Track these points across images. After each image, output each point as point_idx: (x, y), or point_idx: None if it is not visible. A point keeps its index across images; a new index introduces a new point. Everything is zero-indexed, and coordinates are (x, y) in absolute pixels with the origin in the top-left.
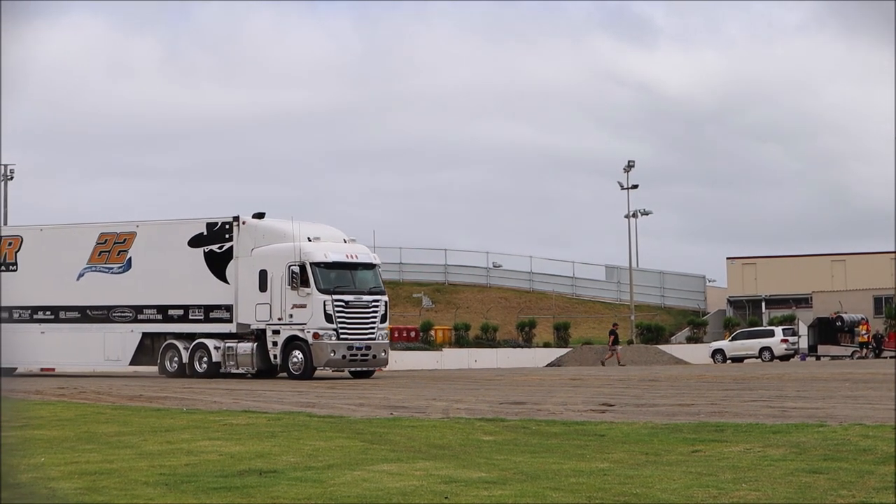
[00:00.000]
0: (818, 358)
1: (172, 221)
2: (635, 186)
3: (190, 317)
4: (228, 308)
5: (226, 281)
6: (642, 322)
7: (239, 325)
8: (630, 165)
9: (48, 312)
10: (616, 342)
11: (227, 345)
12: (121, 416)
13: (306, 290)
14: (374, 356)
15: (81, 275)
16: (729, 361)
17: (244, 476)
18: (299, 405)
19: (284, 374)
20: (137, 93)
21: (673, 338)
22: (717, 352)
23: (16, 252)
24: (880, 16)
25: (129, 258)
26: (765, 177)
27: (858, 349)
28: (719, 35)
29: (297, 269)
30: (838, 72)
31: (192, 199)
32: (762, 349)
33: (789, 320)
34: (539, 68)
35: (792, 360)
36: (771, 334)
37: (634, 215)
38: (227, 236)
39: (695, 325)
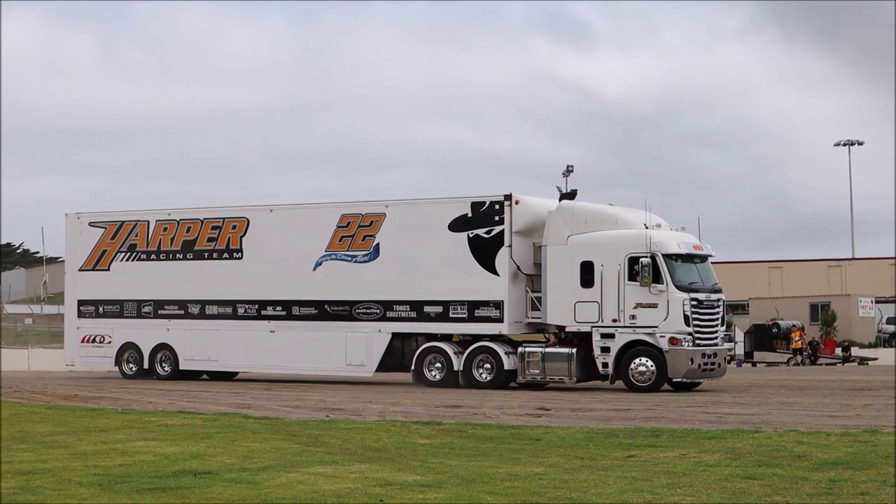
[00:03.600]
0: (754, 364)
1: (430, 201)
2: (574, 191)
3: (451, 315)
4: (498, 305)
5: (495, 272)
6: None
7: (513, 324)
8: (569, 170)
9: (279, 308)
10: None
11: (529, 349)
12: (55, 416)
13: (659, 286)
14: (719, 364)
15: (319, 264)
16: None
17: (179, 477)
18: (235, 406)
19: (607, 384)
20: (72, 90)
21: None
22: None
23: (241, 237)
24: (817, 23)
25: (377, 244)
26: (703, 182)
27: (793, 355)
28: (658, 40)
29: (647, 261)
30: (776, 78)
31: (129, 197)
32: None
33: (726, 326)
34: (477, 70)
35: (728, 365)
36: None
37: None
38: (496, 218)
39: None
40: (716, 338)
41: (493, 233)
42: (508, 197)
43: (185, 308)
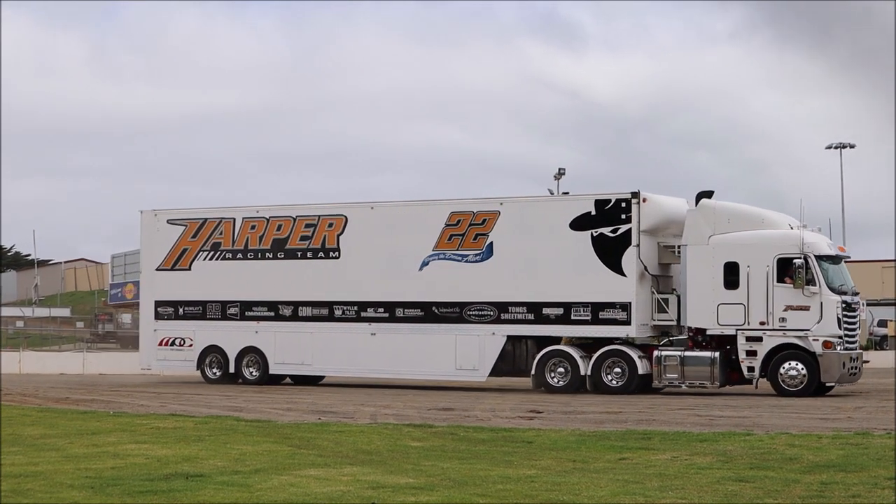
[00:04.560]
0: None
1: (550, 199)
2: (566, 194)
3: (572, 317)
4: (625, 306)
5: (621, 272)
6: None
7: (640, 326)
8: (561, 173)
9: (381, 309)
10: None
11: (665, 353)
12: (47, 419)
13: (812, 288)
14: (858, 369)
15: (426, 263)
16: None
17: (170, 480)
18: (227, 409)
19: (743, 388)
20: (63, 91)
21: None
22: None
23: (338, 235)
24: (809, 25)
25: (490, 243)
26: (695, 184)
27: None
28: (649, 41)
29: (800, 262)
30: (768, 80)
31: (118, 199)
32: None
33: None
34: (468, 72)
35: None
36: None
37: None
38: (622, 217)
39: None
40: (857, 342)
41: (619, 231)
42: (636, 194)
43: (276, 309)
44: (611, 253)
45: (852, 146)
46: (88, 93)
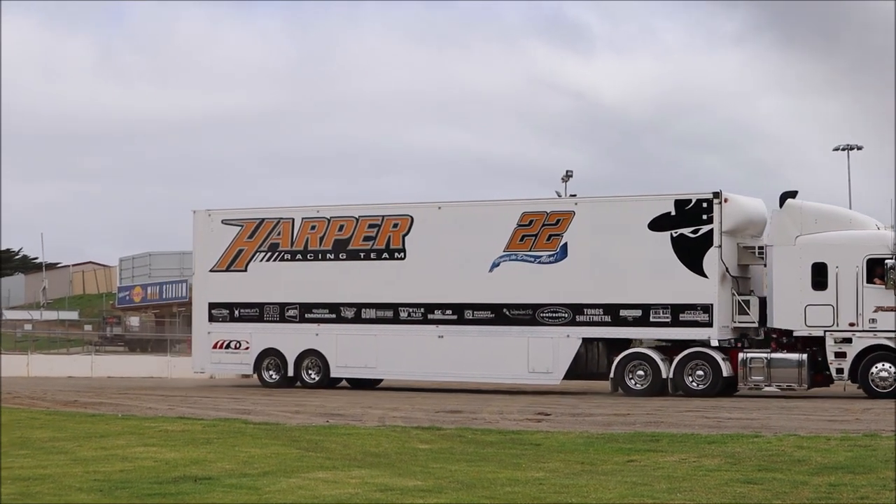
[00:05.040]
0: None
1: (627, 198)
2: (573, 196)
3: (651, 319)
4: (706, 308)
5: (702, 273)
6: None
7: (721, 328)
8: (568, 175)
9: (449, 311)
10: None
11: (751, 355)
12: (55, 422)
13: None
14: None
15: (496, 265)
16: None
17: (179, 483)
18: (235, 412)
19: (827, 389)
20: (69, 94)
21: None
22: None
23: (403, 235)
24: (815, 26)
25: (564, 244)
26: (702, 186)
27: None
28: (656, 43)
29: (892, 263)
30: (775, 81)
31: (125, 202)
32: None
33: None
34: (475, 74)
35: None
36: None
37: None
38: (704, 217)
39: None
40: None
41: (701, 232)
42: (717, 194)
43: (338, 311)
44: (691, 254)
45: (860, 148)
46: (95, 95)
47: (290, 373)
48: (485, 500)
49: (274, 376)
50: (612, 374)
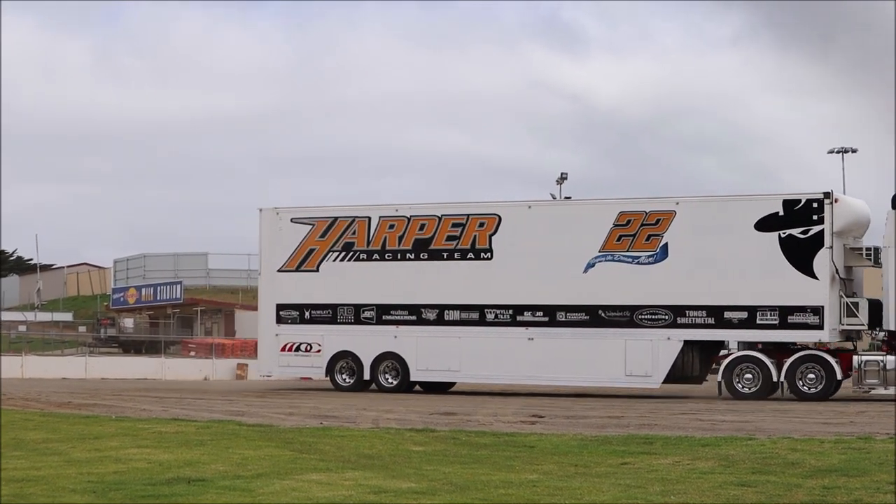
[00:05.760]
0: None
1: (732, 198)
2: (569, 198)
3: (758, 321)
4: (817, 310)
5: (812, 275)
6: None
7: (831, 331)
8: (563, 177)
9: (540, 313)
10: None
11: (866, 358)
12: (49, 423)
13: None
14: None
15: (591, 265)
16: None
17: (172, 484)
18: (229, 414)
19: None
20: (66, 95)
21: None
22: None
23: (490, 235)
24: (811, 28)
25: (665, 244)
26: (699, 189)
27: None
28: (652, 46)
29: None
30: (770, 84)
31: (120, 203)
32: None
33: None
34: (471, 75)
35: None
36: None
37: None
38: (814, 217)
39: None
40: None
41: (811, 233)
42: (828, 195)
43: (418, 313)
44: (801, 255)
45: (854, 151)
46: (92, 96)
47: (367, 376)
48: (478, 502)
49: (347, 380)
50: (721, 377)
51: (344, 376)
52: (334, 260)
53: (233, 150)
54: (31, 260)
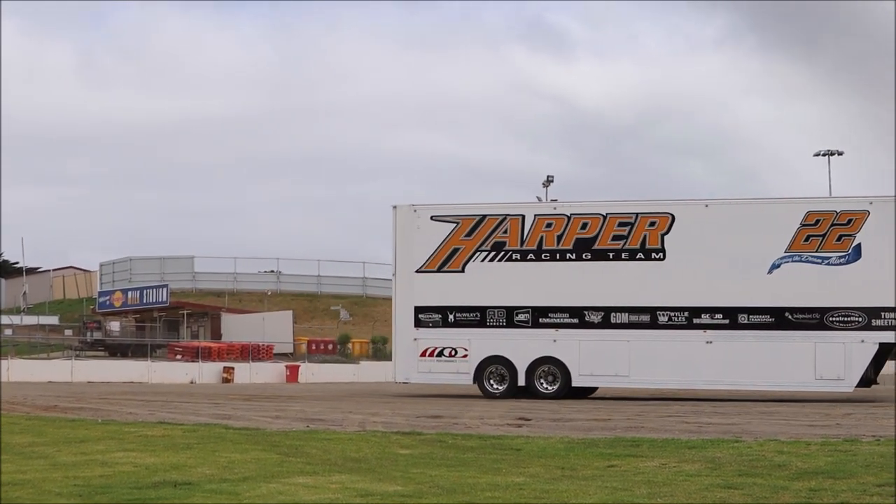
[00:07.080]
0: None
1: None
2: (555, 201)
3: None
4: None
5: None
6: None
7: None
8: (549, 180)
9: (719, 315)
10: None
11: None
12: (35, 427)
13: None
14: None
15: (776, 266)
16: None
17: (159, 488)
18: (215, 417)
19: None
20: (50, 98)
21: None
22: None
23: (662, 234)
24: (796, 31)
25: (857, 245)
26: (684, 192)
27: None
28: (637, 48)
29: None
30: (755, 87)
31: (106, 207)
32: None
33: None
34: (455, 78)
35: None
36: None
37: None
38: None
39: None
40: None
41: None
42: None
43: (581, 316)
44: None
45: (840, 153)
46: (76, 98)
47: (522, 382)
48: None
49: (497, 386)
50: None
51: (492, 382)
52: (482, 260)
53: (216, 153)
54: (17, 263)
